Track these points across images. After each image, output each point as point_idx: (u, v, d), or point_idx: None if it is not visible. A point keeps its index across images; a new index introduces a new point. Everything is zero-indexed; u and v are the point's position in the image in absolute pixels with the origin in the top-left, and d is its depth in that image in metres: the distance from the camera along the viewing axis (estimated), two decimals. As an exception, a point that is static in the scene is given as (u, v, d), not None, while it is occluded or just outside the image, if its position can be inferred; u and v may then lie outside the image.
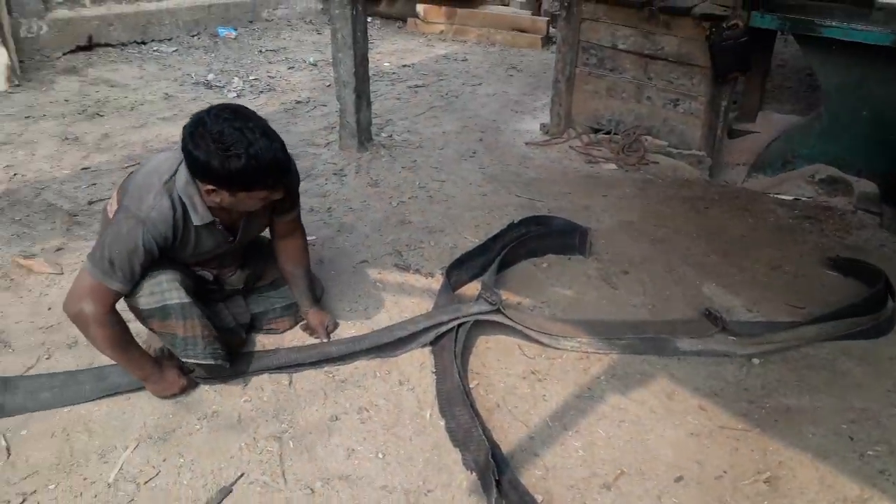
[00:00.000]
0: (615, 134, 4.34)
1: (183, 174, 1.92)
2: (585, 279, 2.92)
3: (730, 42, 3.57)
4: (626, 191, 3.84)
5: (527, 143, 4.52)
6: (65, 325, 2.45)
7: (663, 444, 2.06)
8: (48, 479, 1.84)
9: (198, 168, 1.85)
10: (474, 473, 1.90)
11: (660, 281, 2.93)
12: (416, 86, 5.81)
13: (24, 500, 1.77)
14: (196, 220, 1.97)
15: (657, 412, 2.19)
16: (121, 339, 1.99)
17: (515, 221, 3.14)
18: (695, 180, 4.00)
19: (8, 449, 1.93)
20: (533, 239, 3.08)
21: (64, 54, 6.05)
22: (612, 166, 4.16)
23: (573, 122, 4.53)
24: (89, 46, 6.25)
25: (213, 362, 2.11)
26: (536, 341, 2.44)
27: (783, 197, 3.80)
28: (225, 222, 2.07)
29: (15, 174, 3.72)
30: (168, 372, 2.14)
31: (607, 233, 3.33)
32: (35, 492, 1.80)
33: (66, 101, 5.05)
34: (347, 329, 2.51)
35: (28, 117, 4.64)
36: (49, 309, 2.54)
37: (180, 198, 1.93)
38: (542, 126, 4.71)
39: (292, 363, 2.30)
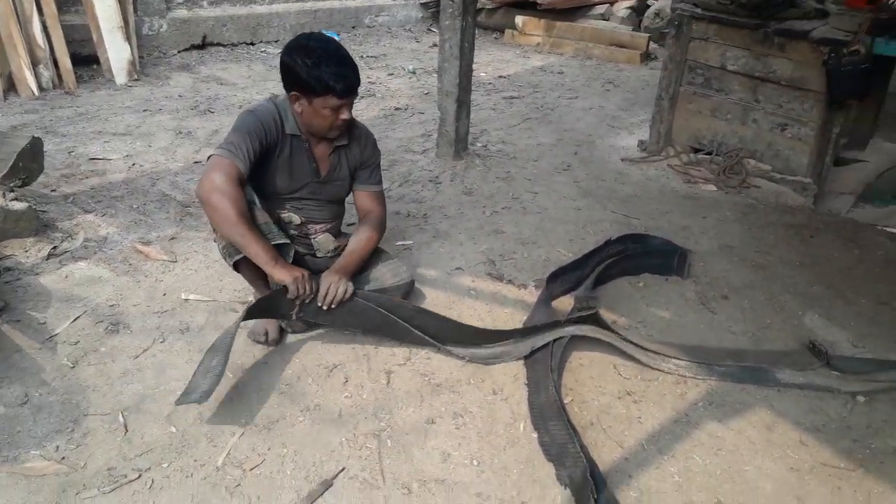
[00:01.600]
0: (716, 155, 4.24)
1: (282, 95, 2.37)
2: (683, 302, 2.87)
3: (849, 68, 3.43)
4: (727, 214, 3.75)
5: (623, 160, 4.48)
6: (178, 311, 2.60)
7: (762, 476, 2.01)
8: (161, 458, 1.94)
9: (284, 73, 2.28)
10: (568, 489, 1.90)
11: (761, 309, 2.86)
12: (512, 97, 5.84)
13: (139, 476, 1.88)
14: (287, 128, 2.35)
15: (756, 443, 2.14)
16: (243, 211, 2.18)
17: (613, 238, 3.11)
18: (799, 207, 3.86)
19: (125, 426, 2.05)
20: (630, 257, 3.05)
21: (179, 52, 6.39)
22: (712, 188, 4.07)
23: (672, 141, 4.46)
24: (202, 45, 6.58)
25: (285, 241, 2.31)
26: (633, 359, 2.42)
27: (893, 230, 3.63)
28: (313, 149, 2.44)
29: (133, 164, 3.96)
30: (292, 266, 2.29)
31: (706, 256, 3.26)
32: (150, 469, 1.90)
33: (180, 96, 5.33)
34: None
35: (146, 110, 4.92)
36: (164, 294, 2.69)
37: (277, 107, 2.35)
38: (640, 143, 4.65)
39: (383, 308, 2.37)
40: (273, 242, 2.25)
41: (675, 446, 2.11)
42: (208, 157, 2.26)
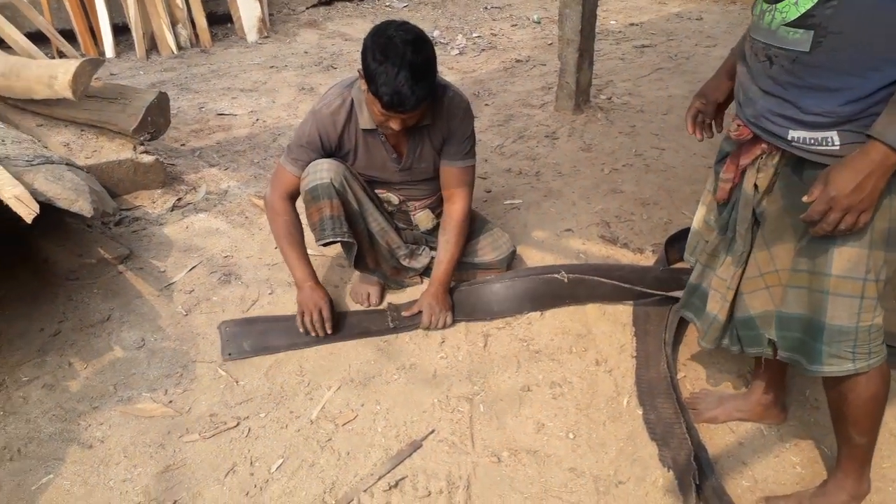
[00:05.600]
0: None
1: (359, 82, 2.08)
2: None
3: None
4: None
5: (763, 114, 4.06)
6: (287, 264, 2.65)
7: (900, 474, 1.77)
8: (260, 408, 1.99)
9: (362, 47, 1.99)
10: (672, 472, 1.75)
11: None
12: (643, 46, 5.47)
13: (238, 424, 1.93)
14: (361, 123, 2.17)
15: (897, 436, 1.88)
16: (289, 231, 2.27)
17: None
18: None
19: (229, 374, 2.11)
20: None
21: (307, 8, 6.52)
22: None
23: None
24: (329, 1, 6.66)
25: (351, 241, 2.26)
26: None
27: None
28: (390, 139, 2.22)
29: (257, 119, 4.07)
30: (317, 290, 2.27)
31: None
32: (248, 417, 1.96)
33: (306, 52, 5.42)
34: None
35: (272, 67, 5.05)
36: (275, 247, 2.74)
37: (352, 99, 2.17)
38: (784, 95, 4.20)
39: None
40: (320, 242, 2.26)
41: (801, 433, 1.89)
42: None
